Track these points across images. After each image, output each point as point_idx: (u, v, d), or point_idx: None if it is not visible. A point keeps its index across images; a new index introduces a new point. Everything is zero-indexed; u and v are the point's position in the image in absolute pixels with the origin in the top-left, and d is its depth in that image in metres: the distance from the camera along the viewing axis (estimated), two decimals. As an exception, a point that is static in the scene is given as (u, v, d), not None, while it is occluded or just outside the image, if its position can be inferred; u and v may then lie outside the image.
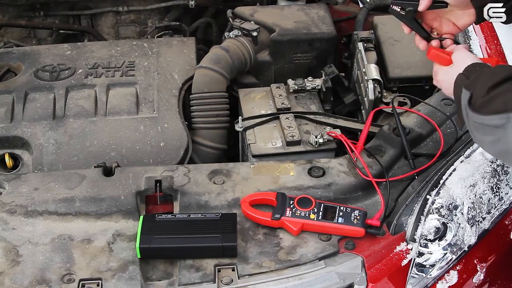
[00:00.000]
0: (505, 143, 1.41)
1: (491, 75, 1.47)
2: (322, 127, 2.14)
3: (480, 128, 1.48)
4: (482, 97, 1.45)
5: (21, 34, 2.87)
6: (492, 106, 1.42)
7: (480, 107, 1.45)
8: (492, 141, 1.46)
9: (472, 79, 1.52)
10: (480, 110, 1.45)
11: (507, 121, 1.39)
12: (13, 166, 2.13)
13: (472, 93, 1.48)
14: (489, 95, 1.44)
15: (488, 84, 1.44)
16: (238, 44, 2.36)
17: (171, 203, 1.86)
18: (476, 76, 1.51)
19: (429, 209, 1.77)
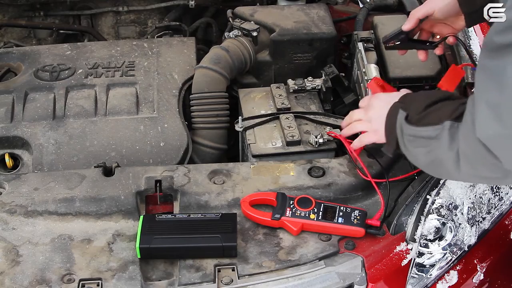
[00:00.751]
0: (436, 153, 1.50)
1: (427, 96, 1.59)
2: (322, 127, 2.14)
3: (413, 140, 1.56)
4: (418, 114, 1.56)
5: (21, 34, 2.87)
6: (427, 119, 1.53)
7: (416, 121, 1.55)
8: (425, 153, 1.54)
9: (407, 101, 1.63)
10: (416, 124, 1.55)
11: (440, 131, 1.48)
12: (13, 166, 2.13)
13: (408, 113, 1.58)
14: (425, 111, 1.54)
15: (425, 103, 1.56)
16: (238, 44, 2.36)
17: (171, 203, 1.86)
18: (412, 98, 1.63)
19: (429, 209, 1.77)
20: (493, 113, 1.32)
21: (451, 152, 1.46)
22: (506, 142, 1.33)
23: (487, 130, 1.34)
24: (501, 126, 1.31)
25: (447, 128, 1.47)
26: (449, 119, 1.47)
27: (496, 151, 1.35)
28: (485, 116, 1.34)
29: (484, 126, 1.35)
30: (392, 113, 1.64)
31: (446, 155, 1.48)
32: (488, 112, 1.33)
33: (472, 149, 1.41)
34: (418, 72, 2.27)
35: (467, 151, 1.43)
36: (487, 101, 1.33)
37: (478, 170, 1.45)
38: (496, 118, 1.32)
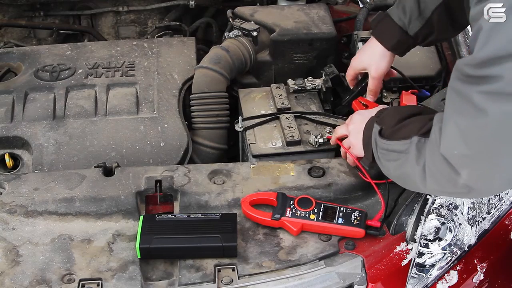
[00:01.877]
0: (405, 166, 1.57)
1: (399, 111, 1.67)
2: (322, 127, 2.14)
3: (386, 154, 1.64)
4: (391, 128, 1.63)
5: (21, 34, 2.87)
6: (398, 134, 1.60)
7: (389, 135, 1.63)
8: (395, 166, 1.62)
9: (382, 116, 1.70)
10: (389, 137, 1.63)
11: (409, 146, 1.55)
12: (13, 166, 2.13)
13: (382, 127, 1.66)
14: (397, 126, 1.61)
15: (396, 118, 1.63)
16: (238, 44, 2.36)
17: (171, 203, 1.86)
18: (386, 113, 1.70)
19: (429, 209, 1.77)
20: (460, 135, 1.39)
21: (418, 166, 1.52)
22: (469, 162, 1.41)
23: (453, 149, 1.42)
24: (466, 147, 1.39)
25: (415, 143, 1.54)
26: (417, 135, 1.54)
27: (459, 169, 1.42)
28: (452, 135, 1.41)
29: (450, 144, 1.42)
30: (368, 126, 1.71)
31: (413, 169, 1.54)
32: (455, 132, 1.40)
33: (436, 165, 1.47)
34: (418, 72, 2.27)
35: (432, 166, 1.49)
36: (456, 123, 1.40)
37: (442, 185, 1.52)
38: (462, 140, 1.39)
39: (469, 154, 1.40)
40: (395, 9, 1.89)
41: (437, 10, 1.82)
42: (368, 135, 1.70)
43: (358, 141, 1.77)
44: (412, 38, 1.88)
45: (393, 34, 1.89)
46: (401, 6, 1.87)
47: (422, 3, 1.83)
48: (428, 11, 1.82)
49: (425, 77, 2.27)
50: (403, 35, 1.88)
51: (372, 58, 1.95)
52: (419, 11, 1.83)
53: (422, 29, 1.86)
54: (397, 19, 1.87)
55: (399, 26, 1.87)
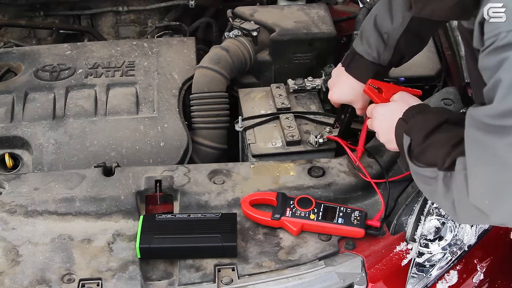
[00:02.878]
0: (436, 196, 1.54)
1: (426, 122, 1.58)
2: (322, 127, 2.14)
3: (418, 176, 1.59)
4: (418, 146, 1.56)
5: (21, 34, 2.87)
6: (425, 158, 1.54)
7: (417, 156, 1.57)
8: (428, 191, 1.58)
9: (410, 124, 1.62)
10: (417, 159, 1.56)
11: (436, 175, 1.50)
12: (13, 166, 2.13)
13: (411, 139, 1.58)
14: (424, 144, 1.55)
15: (424, 132, 1.56)
16: (238, 44, 2.36)
17: (171, 203, 1.86)
18: (413, 123, 1.62)
19: (429, 209, 1.77)
20: (490, 187, 1.37)
21: (447, 201, 1.50)
22: (500, 209, 1.39)
23: (483, 199, 1.39)
24: (497, 198, 1.37)
25: (441, 178, 1.49)
26: (442, 170, 1.49)
27: (490, 214, 1.41)
28: (481, 187, 1.39)
29: (479, 195, 1.40)
30: (398, 133, 1.65)
31: (443, 202, 1.52)
32: (484, 184, 1.38)
33: (466, 209, 1.46)
34: (418, 72, 2.27)
35: (461, 208, 1.47)
36: (483, 174, 1.37)
37: (474, 221, 1.61)
38: (493, 191, 1.37)
39: (501, 202, 1.38)
40: (361, 46, 1.87)
41: (401, 38, 1.81)
42: (400, 142, 1.64)
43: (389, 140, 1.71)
44: (387, 66, 1.88)
45: (368, 70, 1.87)
46: (365, 41, 1.86)
47: (385, 35, 1.82)
48: (393, 40, 1.82)
49: (425, 77, 2.27)
50: (377, 67, 1.87)
51: (354, 95, 1.91)
52: (384, 43, 1.83)
53: (394, 57, 1.85)
54: (366, 55, 1.86)
55: (370, 61, 1.86)
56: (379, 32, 1.82)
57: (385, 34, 1.82)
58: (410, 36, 1.82)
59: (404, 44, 1.83)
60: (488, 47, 1.30)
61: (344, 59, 1.93)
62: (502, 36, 1.26)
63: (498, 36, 1.27)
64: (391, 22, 1.80)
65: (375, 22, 1.84)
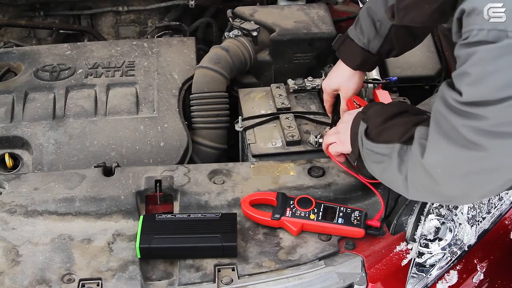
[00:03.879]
0: (389, 171, 1.58)
1: (385, 110, 1.67)
2: (322, 127, 2.14)
3: (371, 155, 1.64)
4: (376, 128, 1.63)
5: (21, 34, 2.88)
6: (383, 136, 1.60)
7: (374, 137, 1.63)
8: (380, 169, 1.63)
9: (369, 113, 1.69)
10: (373, 139, 1.63)
11: (392, 151, 1.55)
12: (13, 166, 2.13)
13: (368, 125, 1.65)
14: (382, 126, 1.61)
15: (382, 117, 1.63)
16: (238, 44, 2.36)
17: (171, 203, 1.86)
18: (372, 111, 1.69)
19: (429, 209, 1.77)
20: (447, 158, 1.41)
21: (401, 175, 1.53)
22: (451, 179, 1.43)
23: (437, 167, 1.44)
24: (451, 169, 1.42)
25: (397, 150, 1.54)
26: (399, 142, 1.54)
27: (442, 183, 1.45)
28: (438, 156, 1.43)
29: (435, 162, 1.44)
30: (355, 123, 1.71)
31: (396, 176, 1.56)
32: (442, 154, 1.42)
33: (418, 177, 1.49)
34: (418, 72, 2.27)
35: (414, 178, 1.51)
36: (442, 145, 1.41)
37: (424, 195, 1.56)
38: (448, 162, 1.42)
39: (454, 175, 1.42)
40: (354, 30, 1.92)
41: (393, 27, 1.85)
42: (355, 131, 1.71)
43: (346, 138, 1.77)
44: (375, 55, 1.91)
45: (356, 55, 1.92)
46: (359, 26, 1.91)
47: (378, 22, 1.86)
48: (384, 29, 1.86)
49: (425, 77, 2.27)
50: (366, 54, 1.91)
51: (341, 79, 1.97)
52: (376, 30, 1.87)
53: (383, 46, 1.89)
54: (357, 40, 1.91)
55: (360, 47, 1.90)
56: (372, 19, 1.87)
57: (378, 22, 1.86)
58: (401, 29, 1.85)
59: (395, 34, 1.86)
60: (463, 40, 1.36)
61: (335, 41, 1.99)
62: (474, 33, 1.33)
63: (471, 32, 1.34)
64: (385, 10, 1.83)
65: (370, 8, 1.88)
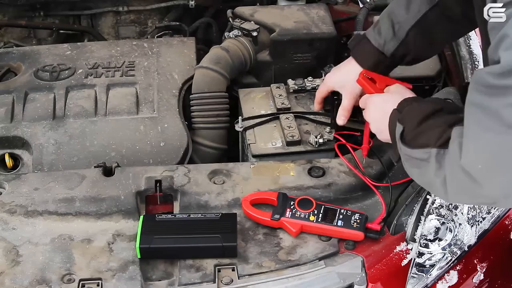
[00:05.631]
0: (427, 176, 1.53)
1: (420, 109, 1.60)
2: (322, 127, 2.14)
3: (409, 160, 1.59)
4: (411, 131, 1.58)
5: (21, 34, 2.87)
6: (418, 141, 1.55)
7: (409, 141, 1.58)
8: (418, 174, 1.59)
9: (403, 113, 1.64)
10: (409, 144, 1.58)
11: (429, 156, 1.50)
12: (13, 166, 2.13)
13: (404, 127, 1.60)
14: (417, 129, 1.56)
15: (418, 118, 1.57)
16: (238, 44, 2.36)
17: (171, 203, 1.86)
18: (407, 111, 1.63)
19: (429, 209, 1.77)
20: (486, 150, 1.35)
21: (438, 179, 1.49)
22: (494, 175, 1.37)
23: (476, 163, 1.38)
24: (492, 161, 1.35)
25: (434, 155, 1.50)
26: (435, 147, 1.49)
27: (483, 182, 1.38)
28: (476, 150, 1.37)
29: (473, 159, 1.38)
30: (392, 121, 1.67)
31: (434, 181, 1.52)
32: (480, 147, 1.36)
33: (457, 178, 1.44)
34: (418, 72, 2.27)
35: (453, 180, 1.46)
36: (480, 138, 1.35)
37: (464, 198, 1.53)
38: (488, 155, 1.35)
39: (496, 168, 1.35)
40: (372, 31, 1.91)
41: (411, 31, 1.83)
42: (392, 129, 1.66)
43: (381, 130, 1.73)
44: (389, 58, 1.89)
45: (370, 55, 1.90)
46: (377, 28, 1.89)
47: (396, 25, 1.85)
48: (402, 31, 1.84)
49: (425, 77, 2.27)
50: (380, 56, 1.89)
51: (349, 77, 1.93)
52: (394, 32, 1.85)
53: (398, 50, 1.87)
54: (373, 41, 1.89)
55: (375, 47, 1.89)
56: (391, 21, 1.85)
57: (397, 24, 1.84)
58: (421, 32, 1.83)
59: (412, 38, 1.84)
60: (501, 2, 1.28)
61: (351, 40, 1.98)
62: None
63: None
64: (406, 11, 1.82)
65: (390, 11, 1.86)
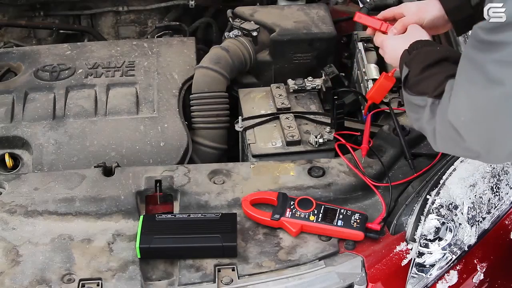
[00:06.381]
0: (421, 122, 1.56)
1: (427, 56, 1.59)
2: (322, 127, 2.14)
3: (409, 104, 1.62)
4: (415, 76, 1.58)
5: (21, 34, 2.87)
6: (418, 88, 1.56)
7: (411, 86, 1.58)
8: (416, 118, 1.60)
9: (411, 56, 1.63)
10: (410, 89, 1.58)
11: (425, 104, 1.53)
12: (13, 166, 2.13)
13: (409, 71, 1.60)
14: (420, 76, 1.56)
15: (422, 65, 1.57)
16: (238, 44, 2.36)
17: (171, 203, 1.86)
18: (415, 54, 1.63)
19: (429, 209, 1.77)
20: (469, 103, 1.38)
21: (429, 126, 1.53)
22: (474, 128, 1.40)
23: (459, 116, 1.41)
24: (473, 114, 1.38)
25: (429, 105, 1.53)
26: (431, 96, 1.52)
27: (464, 135, 1.42)
28: (461, 103, 1.41)
29: (457, 111, 1.42)
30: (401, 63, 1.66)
31: (426, 128, 1.55)
32: (464, 100, 1.39)
33: (444, 129, 1.48)
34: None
35: (441, 130, 1.50)
36: (466, 91, 1.39)
37: (450, 147, 1.53)
38: (470, 108, 1.38)
39: (475, 122, 1.38)
40: None
41: None
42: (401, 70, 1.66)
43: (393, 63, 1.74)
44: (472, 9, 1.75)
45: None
46: None
47: None
48: None
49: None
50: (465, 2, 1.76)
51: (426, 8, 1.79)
52: None
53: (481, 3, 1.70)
54: None
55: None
56: None
57: None
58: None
59: None
60: None
61: None
62: None
63: None
64: None
65: None
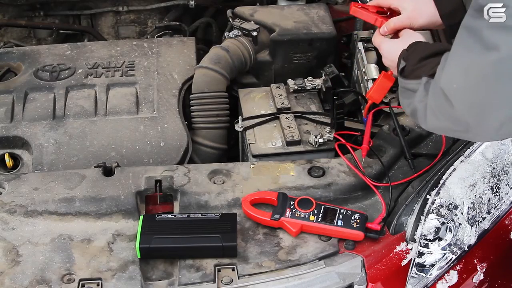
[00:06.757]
0: (414, 103, 1.59)
1: (424, 49, 1.64)
2: (322, 127, 2.14)
3: (403, 92, 1.65)
4: (411, 66, 1.63)
5: (21, 34, 2.88)
6: (415, 73, 1.60)
7: (407, 74, 1.63)
8: (408, 104, 1.64)
9: (409, 51, 1.67)
10: (406, 77, 1.63)
11: (419, 86, 1.56)
12: (13, 166, 2.13)
13: (406, 64, 1.65)
14: (417, 65, 1.61)
15: (419, 56, 1.62)
16: (238, 44, 2.36)
17: (171, 203, 1.86)
18: (413, 49, 1.67)
19: (429, 209, 1.77)
20: (462, 69, 1.40)
21: (421, 104, 1.55)
22: (465, 95, 1.42)
23: (452, 82, 1.43)
24: (465, 81, 1.40)
25: (423, 83, 1.55)
26: (426, 75, 1.55)
27: (455, 102, 1.43)
28: (454, 69, 1.43)
29: (450, 78, 1.44)
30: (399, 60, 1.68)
31: (417, 106, 1.57)
32: (458, 67, 1.41)
33: (435, 99, 1.49)
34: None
35: (432, 101, 1.51)
36: (461, 57, 1.41)
37: (440, 119, 1.53)
38: (463, 74, 1.40)
39: (467, 88, 1.40)
40: None
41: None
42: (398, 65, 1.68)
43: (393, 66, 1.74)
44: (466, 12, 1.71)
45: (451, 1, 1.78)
46: None
47: None
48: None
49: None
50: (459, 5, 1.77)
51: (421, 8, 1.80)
52: None
53: None
54: None
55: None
56: None
57: None
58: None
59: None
60: None
61: None
62: None
63: None
64: None
65: None
